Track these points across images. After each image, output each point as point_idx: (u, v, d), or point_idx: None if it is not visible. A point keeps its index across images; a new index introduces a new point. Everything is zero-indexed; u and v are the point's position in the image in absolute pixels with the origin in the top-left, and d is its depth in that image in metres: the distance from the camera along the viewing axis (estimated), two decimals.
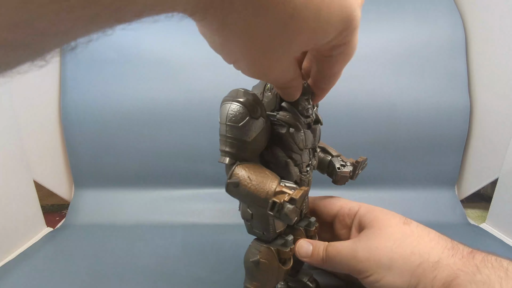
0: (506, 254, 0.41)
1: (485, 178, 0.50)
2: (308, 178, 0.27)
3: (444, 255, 0.23)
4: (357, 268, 0.25)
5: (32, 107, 0.46)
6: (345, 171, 0.30)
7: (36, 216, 0.46)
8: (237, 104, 0.22)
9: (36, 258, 0.39)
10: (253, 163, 0.23)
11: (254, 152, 0.24)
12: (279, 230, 0.27)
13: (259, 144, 0.24)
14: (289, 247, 0.26)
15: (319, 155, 0.31)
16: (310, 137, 0.26)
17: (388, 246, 0.24)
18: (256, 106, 0.23)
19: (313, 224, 0.30)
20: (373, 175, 0.54)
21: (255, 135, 0.23)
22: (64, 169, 0.53)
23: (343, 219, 0.31)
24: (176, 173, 0.53)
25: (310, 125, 0.26)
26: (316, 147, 0.28)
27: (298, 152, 0.25)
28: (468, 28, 0.54)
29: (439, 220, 0.50)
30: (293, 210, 0.20)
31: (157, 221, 0.49)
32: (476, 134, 0.53)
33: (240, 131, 0.22)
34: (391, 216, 0.27)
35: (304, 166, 0.26)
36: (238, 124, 0.22)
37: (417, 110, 0.53)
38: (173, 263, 0.38)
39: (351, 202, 0.31)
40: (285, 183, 0.22)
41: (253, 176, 0.22)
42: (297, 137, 0.24)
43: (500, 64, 0.48)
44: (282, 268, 0.26)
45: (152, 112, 0.52)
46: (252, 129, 0.23)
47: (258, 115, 0.23)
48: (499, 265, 0.22)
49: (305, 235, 0.30)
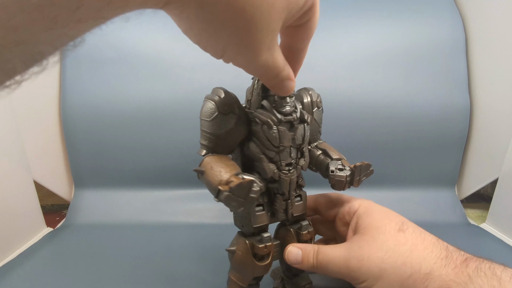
0: (506, 254, 0.41)
1: (485, 178, 0.50)
2: (290, 177, 0.27)
3: (437, 265, 0.23)
4: (349, 276, 0.26)
5: (32, 107, 0.46)
6: (340, 175, 0.28)
7: (36, 216, 0.46)
8: (210, 101, 0.25)
9: (36, 258, 0.39)
10: (221, 156, 0.25)
11: (226, 145, 0.26)
12: (256, 225, 0.27)
13: (230, 138, 0.26)
14: (264, 244, 0.27)
15: (319, 158, 0.30)
16: (287, 135, 0.25)
17: (380, 256, 0.24)
18: (227, 103, 0.25)
19: (305, 228, 0.29)
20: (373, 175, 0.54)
21: (226, 130, 0.25)
22: (64, 169, 0.53)
23: (343, 217, 0.30)
24: (176, 173, 0.53)
25: (292, 123, 0.26)
26: (301, 147, 0.27)
27: (272, 149, 0.25)
28: (468, 29, 0.54)
29: (439, 220, 0.50)
30: (228, 198, 0.21)
31: (157, 221, 0.49)
32: (476, 134, 0.53)
33: (212, 125, 0.25)
34: (387, 221, 0.27)
35: (283, 164, 0.26)
36: (209, 119, 0.25)
37: (417, 110, 0.53)
38: (173, 263, 0.38)
39: (352, 199, 0.31)
40: (243, 175, 0.23)
41: (215, 165, 0.24)
42: (269, 134, 0.25)
43: (500, 64, 0.48)
44: (256, 264, 0.27)
45: (152, 112, 0.52)
46: (221, 124, 0.25)
47: (227, 112, 0.25)
48: (492, 273, 0.21)
49: (295, 238, 0.29)
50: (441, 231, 0.26)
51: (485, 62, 0.51)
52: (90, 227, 0.47)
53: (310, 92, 0.30)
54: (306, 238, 0.29)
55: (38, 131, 0.47)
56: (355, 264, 0.25)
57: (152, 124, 0.52)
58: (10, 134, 0.41)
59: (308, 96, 0.29)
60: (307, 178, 0.30)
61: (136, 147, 0.52)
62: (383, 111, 0.53)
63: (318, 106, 0.30)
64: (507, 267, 0.22)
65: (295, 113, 0.26)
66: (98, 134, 0.51)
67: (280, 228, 0.31)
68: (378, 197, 0.53)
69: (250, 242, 0.27)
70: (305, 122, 0.26)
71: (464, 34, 0.54)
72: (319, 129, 0.31)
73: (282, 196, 0.27)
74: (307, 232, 0.29)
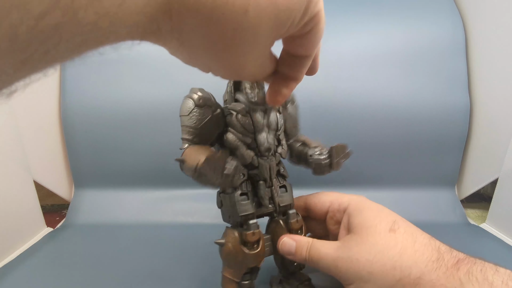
0: (506, 254, 0.41)
1: (485, 178, 0.50)
2: (269, 162, 0.28)
3: (427, 269, 0.23)
4: (338, 276, 0.26)
5: (32, 107, 0.46)
6: (318, 158, 0.29)
7: (36, 216, 0.46)
8: (188, 99, 0.28)
9: (36, 258, 0.39)
10: (202, 145, 0.27)
11: (205, 137, 0.28)
12: (242, 214, 0.28)
13: (209, 129, 0.27)
14: (252, 230, 0.27)
15: (299, 148, 0.31)
16: (260, 120, 0.27)
17: (369, 260, 0.24)
18: (202, 98, 0.27)
19: (293, 217, 0.29)
20: (373, 175, 0.54)
21: (204, 122, 0.27)
22: (64, 169, 0.53)
23: (334, 215, 0.30)
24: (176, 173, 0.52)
25: (265, 109, 0.27)
26: (277, 134, 0.28)
27: (247, 135, 0.27)
28: (468, 29, 0.54)
29: (439, 220, 0.50)
30: (203, 168, 0.23)
31: (157, 221, 0.49)
32: (476, 134, 0.53)
33: (190, 119, 0.27)
34: (378, 220, 0.26)
35: (262, 150, 0.27)
36: (187, 114, 0.27)
37: (417, 110, 0.53)
38: (173, 263, 0.38)
39: (342, 196, 0.31)
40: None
41: (194, 152, 0.25)
42: (244, 121, 0.27)
43: (500, 64, 0.48)
44: (247, 253, 0.27)
45: (152, 112, 0.52)
46: (199, 117, 0.27)
47: (202, 105, 0.27)
48: (484, 278, 0.21)
49: (285, 228, 0.29)
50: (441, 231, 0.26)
51: (485, 62, 0.51)
52: (90, 227, 0.47)
53: None
54: (295, 226, 0.29)
55: (38, 131, 0.47)
56: (344, 265, 0.25)
57: (152, 124, 0.52)
58: (10, 134, 0.41)
59: None
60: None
61: (136, 147, 0.52)
62: (382, 111, 0.53)
63: (291, 101, 0.31)
64: (499, 267, 0.22)
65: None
66: (98, 134, 0.51)
67: (271, 223, 0.31)
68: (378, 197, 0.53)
69: (238, 232, 0.28)
70: (277, 110, 0.28)
71: (464, 34, 0.54)
72: (295, 125, 0.31)
73: (265, 183, 0.28)
74: (296, 221, 0.30)
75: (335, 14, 0.55)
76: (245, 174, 0.27)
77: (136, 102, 0.52)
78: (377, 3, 0.56)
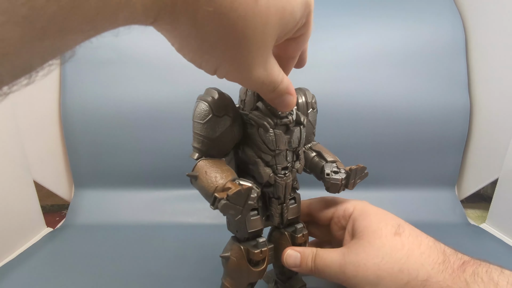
0: (506, 254, 0.41)
1: (485, 178, 0.50)
2: (286, 181, 0.26)
3: (434, 271, 0.23)
4: (346, 283, 0.25)
5: (32, 107, 0.46)
6: (336, 178, 0.28)
7: (36, 216, 0.46)
8: (203, 102, 0.24)
9: (36, 258, 0.39)
10: (216, 159, 0.24)
11: (220, 149, 0.25)
12: (251, 230, 0.26)
13: (225, 142, 0.24)
14: (260, 249, 0.26)
15: (314, 160, 0.30)
16: (283, 138, 0.25)
17: (376, 263, 0.24)
18: (221, 105, 0.24)
19: (300, 231, 0.29)
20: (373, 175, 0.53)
21: (220, 133, 0.24)
22: (64, 169, 0.53)
23: (338, 221, 0.30)
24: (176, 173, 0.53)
25: (288, 126, 0.25)
26: (297, 150, 0.26)
27: (268, 153, 0.25)
28: (468, 29, 0.54)
29: (439, 220, 0.50)
30: (225, 206, 0.20)
31: (157, 221, 0.49)
32: (476, 135, 0.53)
33: (205, 128, 0.24)
34: (383, 224, 0.26)
35: (279, 168, 0.26)
36: (202, 121, 0.24)
37: (417, 111, 0.53)
38: (173, 263, 0.38)
39: (346, 202, 0.31)
40: (239, 181, 0.22)
41: (209, 170, 0.23)
42: (266, 138, 0.24)
43: (500, 64, 0.48)
44: (251, 269, 0.26)
45: (152, 112, 0.52)
46: (216, 127, 0.24)
47: (222, 114, 0.24)
48: (489, 278, 0.21)
49: (290, 241, 0.29)
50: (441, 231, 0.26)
51: (485, 62, 0.51)
52: (90, 227, 0.47)
53: (305, 93, 0.29)
54: (300, 241, 0.29)
55: (38, 131, 0.47)
56: (351, 270, 0.25)
57: (152, 124, 0.52)
58: (10, 134, 0.41)
59: (303, 97, 0.29)
60: (300, 179, 0.30)
61: (136, 147, 0.52)
62: (383, 112, 0.53)
63: (313, 107, 0.29)
64: (504, 269, 0.22)
65: (291, 116, 0.25)
66: (98, 134, 0.51)
67: (274, 231, 0.30)
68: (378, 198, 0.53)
69: (245, 247, 0.26)
70: (301, 124, 0.26)
71: (464, 35, 0.54)
72: (313, 131, 0.30)
73: (278, 200, 0.27)
74: (302, 235, 0.29)
75: (335, 14, 0.55)
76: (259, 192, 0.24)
77: (136, 102, 0.52)
78: (377, 3, 0.56)
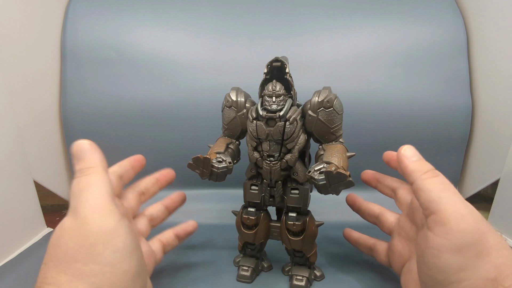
0: None
1: (487, 179, 0.50)
2: (271, 167, 0.30)
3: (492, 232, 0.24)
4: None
5: (32, 107, 0.46)
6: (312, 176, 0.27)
7: (36, 216, 0.46)
8: (225, 96, 0.33)
9: (36, 258, 0.39)
10: (226, 138, 0.34)
11: (232, 132, 0.33)
12: (247, 200, 0.33)
13: (233, 128, 0.33)
14: (247, 216, 0.33)
15: (317, 158, 0.31)
16: (262, 130, 0.29)
17: None
18: (233, 99, 0.32)
19: (291, 219, 0.32)
20: None
21: (229, 121, 0.33)
22: (64, 169, 0.53)
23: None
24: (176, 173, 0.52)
25: (272, 120, 0.28)
26: (284, 142, 0.29)
27: (253, 140, 0.30)
28: (470, 28, 0.54)
29: None
30: (189, 165, 0.31)
31: None
32: (478, 135, 0.52)
33: (223, 115, 0.33)
34: None
35: (265, 154, 0.30)
36: (222, 111, 0.33)
37: (419, 111, 0.52)
38: (173, 263, 0.38)
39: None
40: (221, 155, 0.31)
41: (215, 144, 0.33)
42: (250, 126, 0.30)
43: (502, 64, 0.48)
44: (243, 231, 0.34)
45: (152, 112, 0.52)
46: (225, 116, 0.33)
47: (229, 105, 0.32)
48: None
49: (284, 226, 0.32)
50: None
51: (487, 62, 0.51)
52: None
53: (320, 92, 0.30)
54: (291, 228, 0.32)
55: (38, 131, 0.47)
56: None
57: (152, 124, 0.52)
58: (10, 134, 0.41)
59: (316, 96, 0.30)
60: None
61: (136, 147, 0.51)
62: (384, 112, 0.52)
63: (325, 106, 0.30)
64: None
65: (279, 112, 0.28)
66: (98, 134, 0.51)
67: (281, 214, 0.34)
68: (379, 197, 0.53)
69: (241, 211, 0.34)
70: (287, 120, 0.28)
71: (465, 34, 0.54)
72: (330, 130, 0.31)
73: (268, 183, 0.31)
74: (293, 224, 0.32)
75: (335, 14, 0.55)
76: (230, 166, 0.30)
77: (136, 102, 0.52)
78: (378, 3, 0.56)
